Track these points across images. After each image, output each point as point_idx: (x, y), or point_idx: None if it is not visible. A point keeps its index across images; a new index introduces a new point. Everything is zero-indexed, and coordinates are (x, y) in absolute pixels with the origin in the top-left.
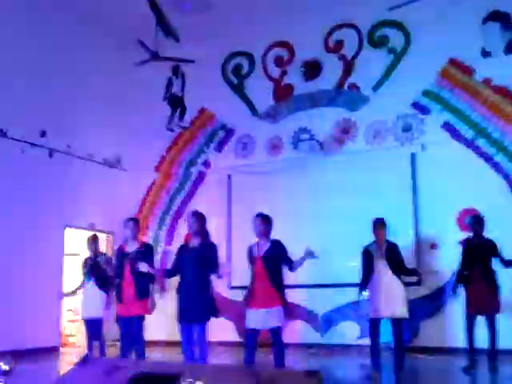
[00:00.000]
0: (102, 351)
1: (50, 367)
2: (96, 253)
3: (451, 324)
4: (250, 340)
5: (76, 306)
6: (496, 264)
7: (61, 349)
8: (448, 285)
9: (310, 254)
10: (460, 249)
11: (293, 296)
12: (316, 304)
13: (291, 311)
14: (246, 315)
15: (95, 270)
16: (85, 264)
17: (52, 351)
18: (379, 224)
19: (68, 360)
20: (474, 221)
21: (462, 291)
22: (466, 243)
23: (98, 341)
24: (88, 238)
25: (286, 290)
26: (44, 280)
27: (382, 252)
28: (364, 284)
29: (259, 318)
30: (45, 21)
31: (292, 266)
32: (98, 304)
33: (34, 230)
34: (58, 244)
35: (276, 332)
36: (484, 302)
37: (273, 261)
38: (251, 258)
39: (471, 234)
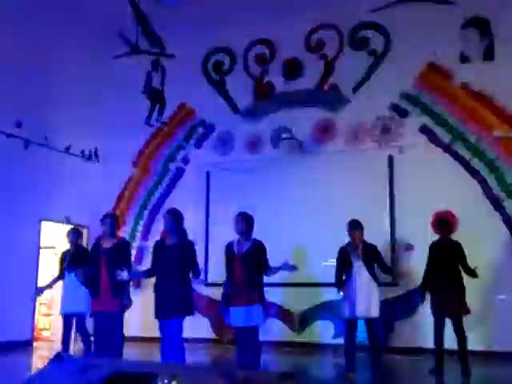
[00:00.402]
0: (87, 347)
1: (23, 362)
2: (77, 246)
3: (426, 324)
4: (239, 338)
5: (49, 300)
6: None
7: (34, 343)
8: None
9: (288, 268)
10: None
11: (269, 294)
12: (292, 303)
13: (268, 309)
14: (229, 313)
15: (76, 263)
16: (63, 257)
17: (25, 345)
18: (353, 225)
19: (41, 354)
20: (440, 223)
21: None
22: (432, 246)
23: (82, 336)
24: (68, 231)
25: (264, 289)
26: (19, 273)
27: (358, 252)
28: (339, 283)
29: (240, 316)
30: (23, 11)
31: (267, 271)
32: (80, 299)
33: (8, 222)
34: (34, 237)
35: (253, 331)
36: (450, 306)
37: (252, 260)
38: (230, 256)
39: (438, 237)
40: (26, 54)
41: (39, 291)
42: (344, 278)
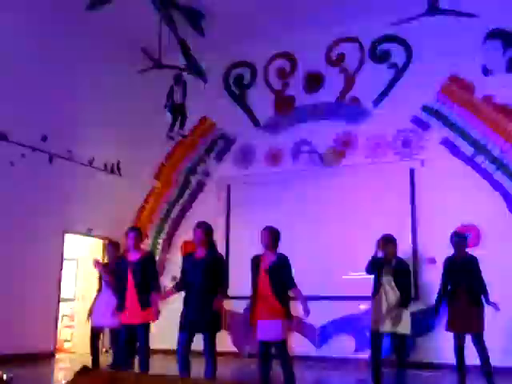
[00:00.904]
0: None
1: (45, 373)
2: (116, 260)
3: (447, 339)
4: (261, 352)
5: (72, 311)
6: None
7: (56, 355)
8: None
9: (305, 312)
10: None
11: (290, 308)
12: (313, 316)
13: (293, 324)
14: (257, 326)
15: (115, 277)
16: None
17: (47, 357)
18: (385, 240)
19: (63, 366)
20: (456, 238)
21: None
22: (448, 261)
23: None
24: (107, 245)
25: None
26: (42, 285)
27: (389, 267)
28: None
29: (265, 330)
30: (47, 22)
31: (291, 288)
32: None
33: (32, 234)
34: (57, 249)
35: (280, 345)
36: (467, 321)
37: (277, 274)
38: (256, 269)
39: (453, 252)
40: (51, 70)
41: (90, 314)
42: (372, 290)
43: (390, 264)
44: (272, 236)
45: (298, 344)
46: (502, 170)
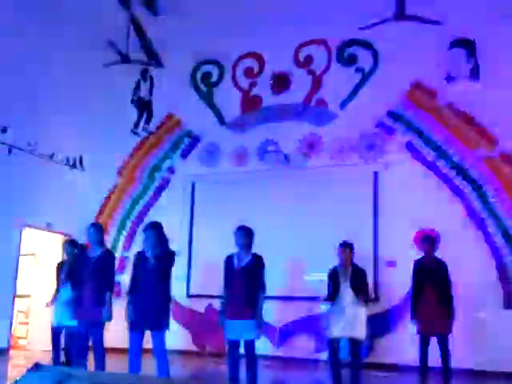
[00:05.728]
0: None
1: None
2: (74, 257)
3: (406, 341)
4: (230, 351)
5: (27, 308)
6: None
7: (10, 351)
8: (405, 302)
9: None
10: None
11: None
12: (273, 316)
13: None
14: (225, 326)
15: (73, 275)
16: (60, 268)
17: (2, 354)
18: (341, 247)
19: (17, 363)
20: (425, 241)
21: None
22: (417, 264)
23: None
24: (64, 243)
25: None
26: None
27: (345, 275)
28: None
29: (235, 329)
30: (13, 17)
31: (259, 289)
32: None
33: None
34: (14, 244)
35: (248, 345)
36: (435, 323)
37: (251, 274)
38: (230, 269)
39: (423, 255)
40: (14, 60)
41: (47, 305)
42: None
43: (346, 271)
44: (247, 236)
45: (258, 343)
46: (462, 176)
